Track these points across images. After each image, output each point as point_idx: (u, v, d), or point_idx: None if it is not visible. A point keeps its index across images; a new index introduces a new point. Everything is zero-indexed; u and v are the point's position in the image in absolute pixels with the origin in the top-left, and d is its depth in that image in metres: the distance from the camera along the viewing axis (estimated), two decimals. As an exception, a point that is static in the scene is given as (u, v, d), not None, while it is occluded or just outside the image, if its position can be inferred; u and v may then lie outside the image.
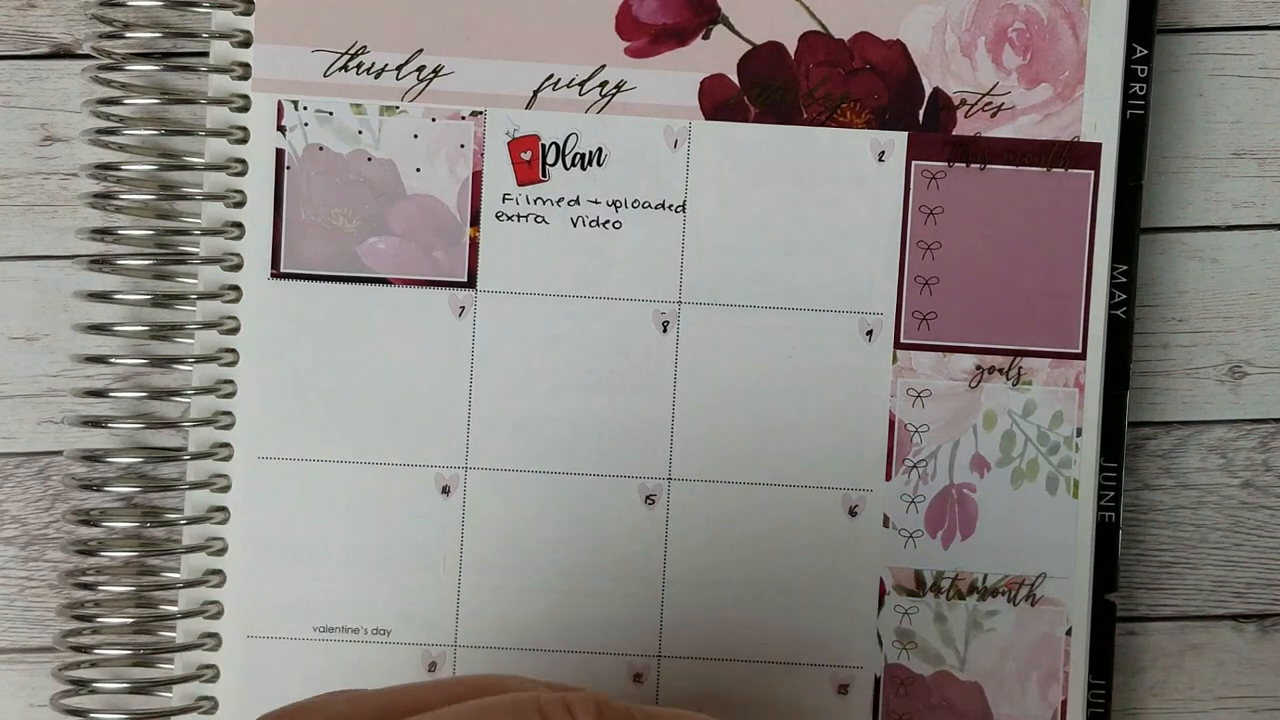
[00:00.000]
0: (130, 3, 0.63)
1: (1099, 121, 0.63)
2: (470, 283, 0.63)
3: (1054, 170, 0.63)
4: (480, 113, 0.63)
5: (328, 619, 0.64)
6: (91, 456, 0.63)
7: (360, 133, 0.63)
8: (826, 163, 0.63)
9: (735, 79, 0.63)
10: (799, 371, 0.64)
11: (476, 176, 0.63)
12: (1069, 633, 0.64)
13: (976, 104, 0.63)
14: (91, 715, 0.62)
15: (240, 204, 0.63)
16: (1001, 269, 0.63)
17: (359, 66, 0.63)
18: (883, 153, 0.63)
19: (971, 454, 0.64)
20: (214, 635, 0.63)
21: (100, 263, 0.63)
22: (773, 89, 0.63)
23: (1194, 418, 0.66)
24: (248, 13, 0.63)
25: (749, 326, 0.64)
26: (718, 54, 0.63)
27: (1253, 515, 0.66)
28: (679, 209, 0.64)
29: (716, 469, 0.64)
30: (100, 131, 0.63)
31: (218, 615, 0.63)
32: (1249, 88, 0.66)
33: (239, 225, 0.63)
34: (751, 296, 0.64)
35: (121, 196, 0.63)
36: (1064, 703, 0.64)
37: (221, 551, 0.63)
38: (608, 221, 0.64)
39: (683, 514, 0.64)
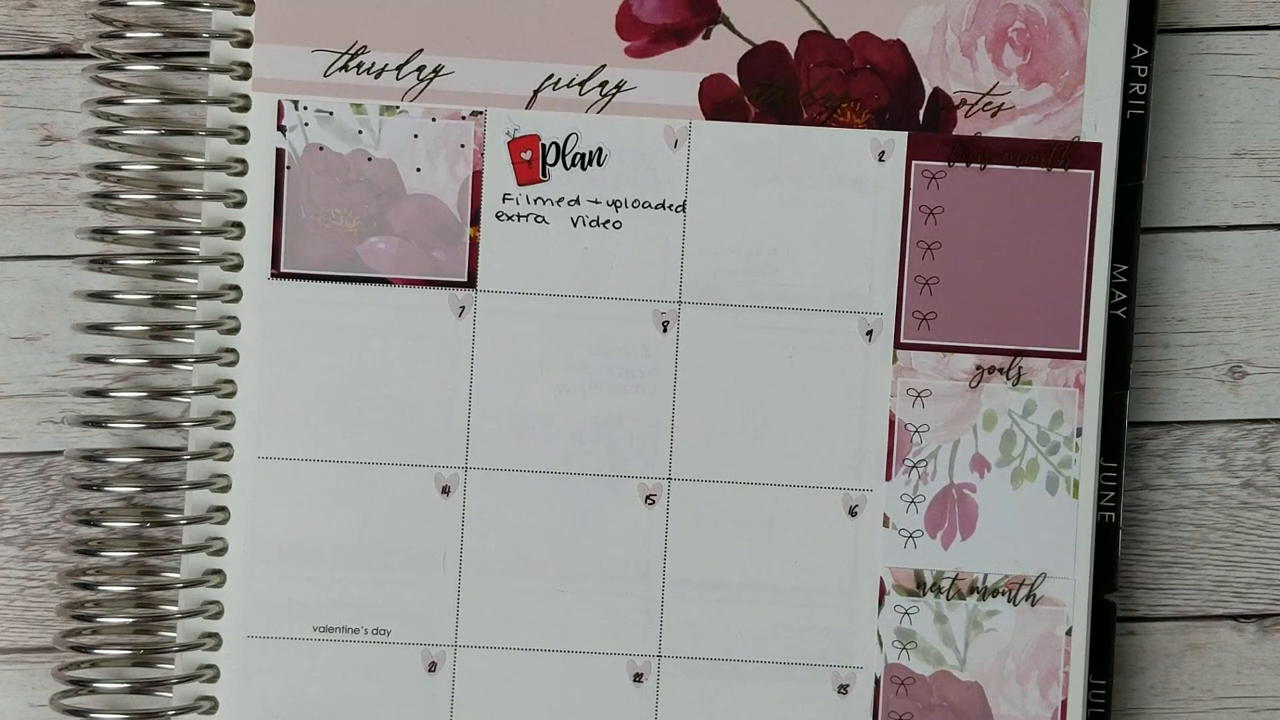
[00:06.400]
0: (130, 3, 0.62)
1: (1099, 121, 0.63)
2: (470, 283, 0.63)
3: (1054, 170, 0.63)
4: (480, 113, 0.63)
5: (328, 619, 0.63)
6: (91, 456, 0.63)
7: (360, 133, 0.63)
8: (826, 163, 0.63)
9: (735, 79, 0.63)
10: (799, 371, 0.64)
11: (476, 176, 0.63)
12: (1069, 633, 0.64)
13: (976, 104, 0.63)
14: (91, 715, 0.62)
15: (240, 204, 0.63)
16: (1001, 269, 0.63)
17: (359, 66, 0.63)
18: (883, 153, 0.63)
19: (971, 454, 0.64)
20: (214, 635, 0.63)
21: (100, 263, 0.63)
22: (773, 89, 0.63)
23: (1194, 418, 0.66)
24: (248, 13, 0.63)
25: (749, 326, 0.64)
26: (718, 54, 0.63)
27: (1253, 515, 0.66)
28: (679, 209, 0.64)
29: (716, 469, 0.64)
30: (100, 131, 0.62)
31: (218, 615, 0.63)
32: (1249, 88, 0.66)
33: (239, 225, 0.63)
34: (751, 296, 0.63)
35: (121, 196, 0.63)
36: (1064, 703, 0.64)
37: (221, 551, 0.63)
38: (608, 221, 0.64)
39: (683, 514, 0.64)
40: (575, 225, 0.63)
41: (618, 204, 0.63)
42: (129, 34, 0.63)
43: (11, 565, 0.65)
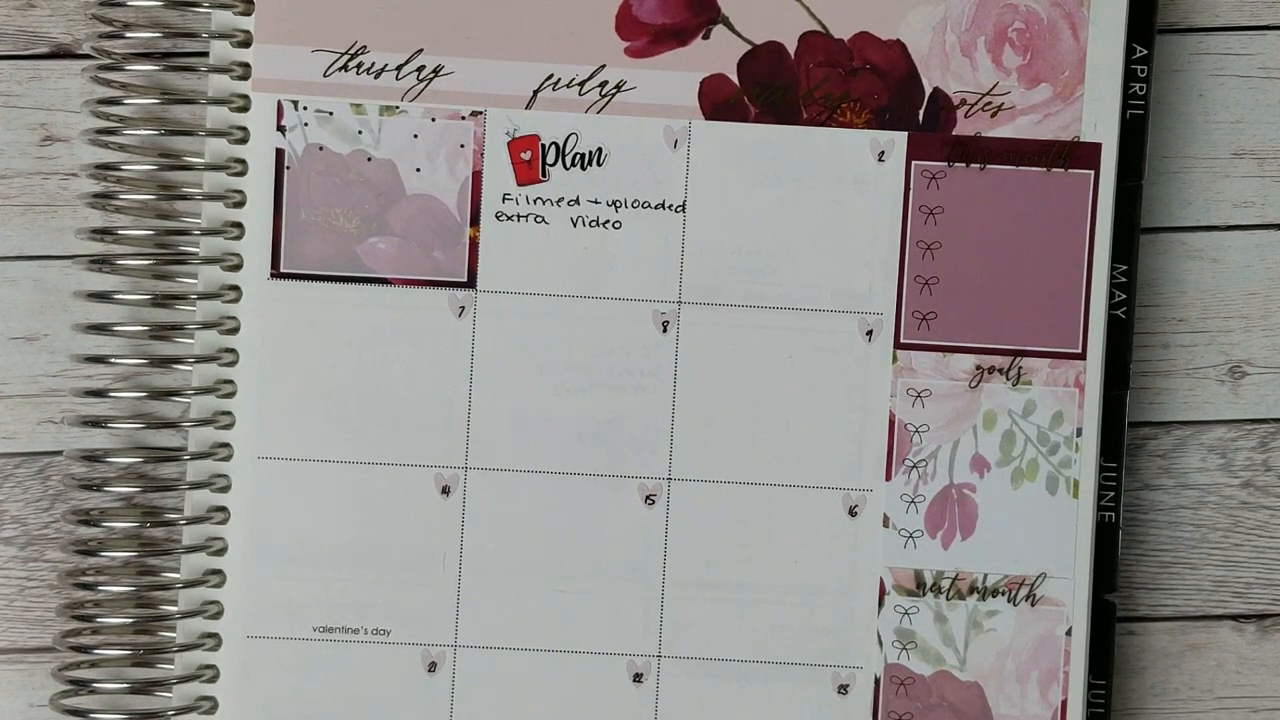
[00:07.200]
0: (130, 3, 0.62)
1: (1099, 121, 0.63)
2: (470, 283, 0.63)
3: (1054, 170, 0.63)
4: (480, 113, 0.63)
5: (328, 619, 0.64)
6: (91, 456, 0.63)
7: (360, 133, 0.63)
8: (826, 163, 0.63)
9: (735, 79, 0.63)
10: (799, 371, 0.64)
11: (476, 176, 0.63)
12: (1069, 633, 0.64)
13: (976, 104, 0.63)
14: (91, 715, 0.62)
15: (240, 204, 0.63)
16: (1001, 269, 0.63)
17: (359, 66, 0.63)
18: (883, 153, 0.63)
19: (971, 454, 0.64)
20: (214, 635, 0.63)
21: (100, 263, 0.63)
22: (773, 89, 0.63)
23: (1194, 418, 0.66)
24: (248, 13, 0.63)
25: (749, 326, 0.64)
26: (718, 54, 0.63)
27: (1253, 515, 0.66)
28: (679, 209, 0.64)
29: (716, 469, 0.64)
30: (100, 131, 0.62)
31: (218, 615, 0.63)
32: (1249, 88, 0.66)
33: (239, 225, 0.63)
34: (751, 296, 0.63)
35: (121, 196, 0.63)
36: (1064, 703, 0.64)
37: (221, 551, 0.63)
38: (608, 221, 0.64)
39: (683, 514, 0.64)
40: (575, 225, 0.63)
41: (618, 204, 0.63)
42: (129, 34, 0.63)
43: (11, 565, 0.65)
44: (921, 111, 0.63)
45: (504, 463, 0.64)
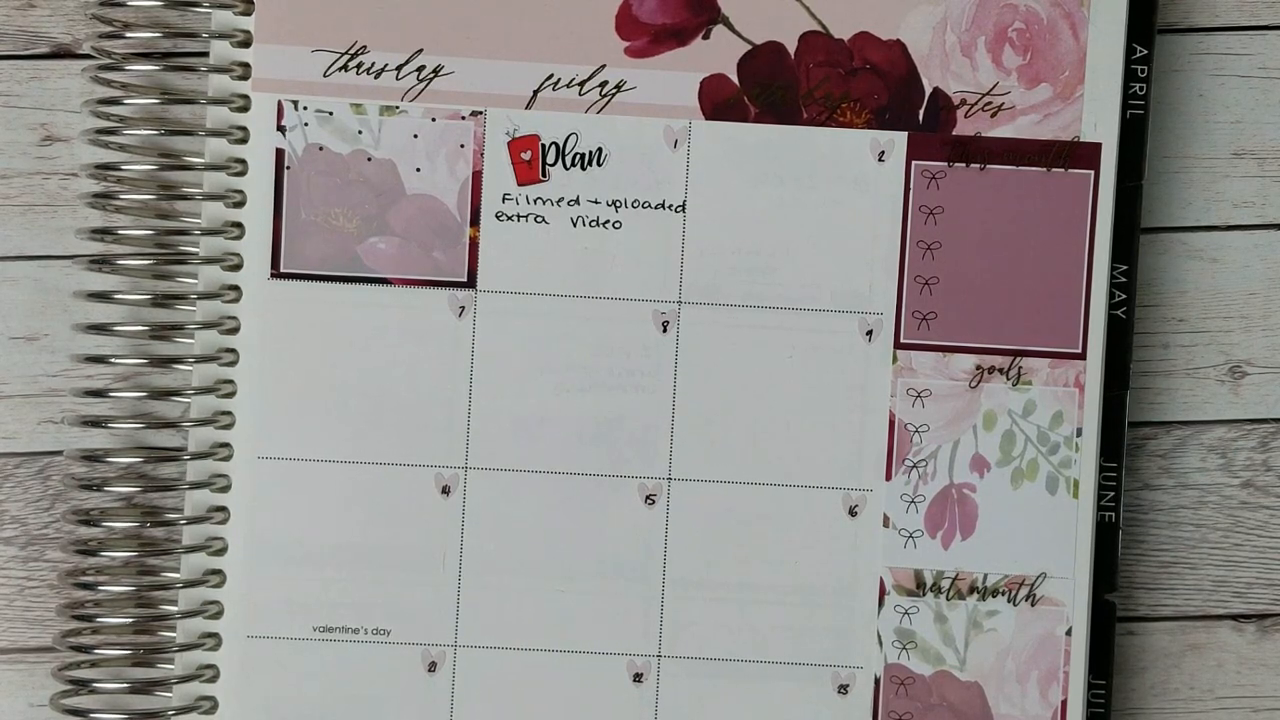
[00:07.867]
0: (130, 3, 0.62)
1: (1099, 121, 0.63)
2: (470, 283, 0.63)
3: (1054, 170, 0.63)
4: (480, 113, 0.63)
5: (328, 619, 0.63)
6: (91, 456, 0.63)
7: (360, 133, 0.63)
8: (826, 163, 0.63)
9: (735, 79, 0.63)
10: (799, 371, 0.64)
11: (476, 176, 0.63)
12: (1069, 633, 0.64)
13: (976, 104, 0.63)
14: (91, 715, 0.62)
15: (240, 204, 0.63)
16: (1001, 269, 0.63)
17: (359, 66, 0.63)
18: (882, 153, 0.63)
19: (971, 454, 0.64)
20: (214, 635, 0.63)
21: (100, 263, 0.63)
22: (773, 89, 0.63)
23: (1194, 418, 0.66)
24: (248, 13, 0.63)
25: (749, 326, 0.64)
26: (718, 54, 0.63)
27: (1253, 515, 0.66)
28: (679, 209, 0.64)
29: (716, 469, 0.64)
30: (100, 131, 0.62)
31: (218, 615, 0.63)
32: (1249, 88, 0.66)
33: (239, 225, 0.63)
34: (751, 296, 0.64)
35: (121, 196, 0.63)
36: (1064, 703, 0.64)
37: (221, 551, 0.63)
38: (608, 221, 0.64)
39: (683, 514, 0.64)
40: (575, 225, 0.63)
41: (618, 204, 0.63)
42: (129, 34, 0.63)
43: (11, 565, 0.65)
44: (921, 111, 0.63)
45: (504, 463, 0.64)
